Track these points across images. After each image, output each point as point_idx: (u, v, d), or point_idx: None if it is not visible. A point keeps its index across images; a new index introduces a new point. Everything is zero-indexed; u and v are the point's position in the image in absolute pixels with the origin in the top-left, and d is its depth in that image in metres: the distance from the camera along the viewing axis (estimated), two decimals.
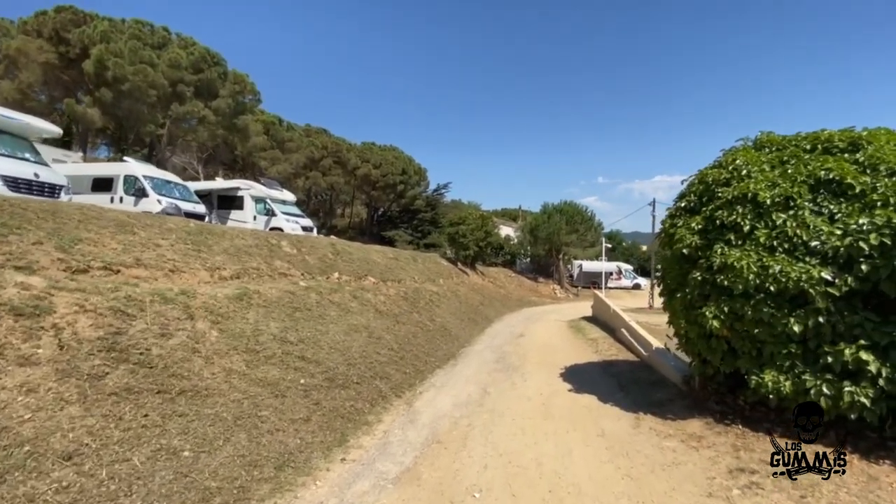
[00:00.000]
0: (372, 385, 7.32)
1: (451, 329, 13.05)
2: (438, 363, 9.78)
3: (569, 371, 9.03)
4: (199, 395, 4.93)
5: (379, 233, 37.01)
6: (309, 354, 7.06)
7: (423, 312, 12.76)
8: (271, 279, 9.19)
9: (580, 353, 11.07)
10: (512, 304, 24.23)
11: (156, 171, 16.62)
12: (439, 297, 15.73)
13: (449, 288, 18.60)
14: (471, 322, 15.72)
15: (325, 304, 9.17)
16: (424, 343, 10.58)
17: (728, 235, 5.26)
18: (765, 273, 4.77)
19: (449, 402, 7.05)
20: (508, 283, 30.53)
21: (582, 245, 33.26)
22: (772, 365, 4.88)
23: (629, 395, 6.97)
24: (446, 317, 14.10)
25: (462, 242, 23.84)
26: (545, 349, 11.71)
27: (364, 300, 10.58)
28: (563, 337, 14.13)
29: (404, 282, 14.80)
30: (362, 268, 12.90)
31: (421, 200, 37.41)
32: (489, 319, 17.80)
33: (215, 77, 25.49)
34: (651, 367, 8.62)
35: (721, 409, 5.62)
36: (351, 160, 34.99)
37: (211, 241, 8.99)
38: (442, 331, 12.29)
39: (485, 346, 12.14)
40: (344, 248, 13.51)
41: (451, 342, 11.84)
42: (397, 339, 9.73)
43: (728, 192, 5.37)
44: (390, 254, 17.07)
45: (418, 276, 16.86)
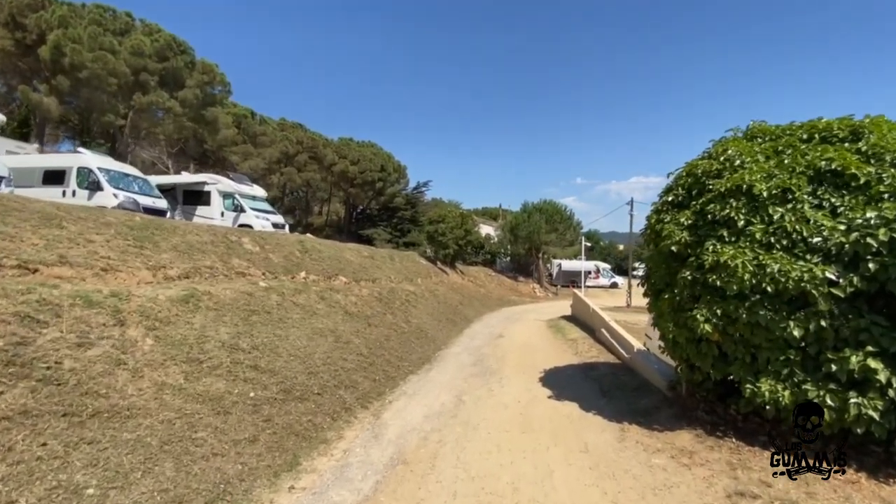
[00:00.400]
0: (335, 396, 6.62)
1: (428, 331, 12.42)
2: (412, 368, 9.13)
3: (548, 375, 8.53)
4: (118, 416, 4.15)
5: (357, 231, 36.06)
6: (263, 363, 6.31)
7: (398, 313, 12.08)
8: (227, 279, 8.36)
9: (560, 355, 10.61)
10: (492, 304, 23.76)
11: (113, 163, 15.43)
12: (416, 298, 15.07)
13: (427, 288, 17.96)
14: (449, 323, 15.13)
15: (287, 306, 8.40)
16: (398, 346, 9.91)
17: (720, 231, 4.80)
18: (761, 272, 4.32)
19: (420, 413, 6.42)
20: (488, 282, 30.09)
21: (561, 244, 33.12)
22: (768, 372, 4.43)
23: (612, 402, 6.49)
24: (423, 318, 13.46)
25: (441, 241, 23.22)
26: (524, 351, 11.21)
27: (332, 301, 9.84)
28: (542, 337, 13.69)
29: (379, 281, 14.09)
30: (333, 267, 12.13)
31: (400, 198, 36.61)
32: (468, 320, 17.25)
33: (182, 66, 24.10)
34: (633, 371, 8.19)
35: (711, 420, 5.17)
36: (327, 156, 33.90)
37: (158, 236, 8.10)
38: (418, 333, 11.64)
39: (462, 349, 11.56)
40: (313, 245, 12.70)
41: (428, 344, 11.21)
42: (368, 343, 9.04)
43: (720, 184, 4.92)
44: (365, 252, 16.31)
45: (395, 275, 16.16)
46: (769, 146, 5.08)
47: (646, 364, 7.67)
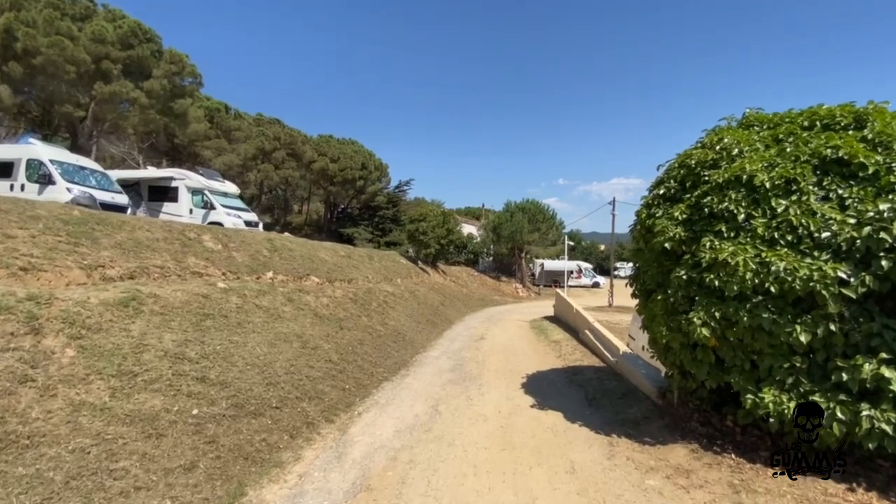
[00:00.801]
0: (297, 409, 5.95)
1: (406, 333, 11.80)
2: (387, 374, 8.51)
3: (531, 380, 8.03)
4: (13, 446, 3.42)
5: (337, 230, 35.11)
6: (213, 374, 5.60)
7: (374, 316, 11.43)
8: (180, 280, 7.58)
9: (543, 358, 10.14)
10: (474, 304, 23.28)
11: (69, 155, 14.32)
12: (395, 299, 14.43)
13: (407, 288, 17.33)
14: (429, 324, 14.54)
15: (248, 309, 7.67)
16: (372, 351, 9.27)
17: (718, 226, 4.36)
18: (765, 271, 3.88)
19: (391, 427, 5.81)
20: (471, 282, 29.62)
21: (544, 244, 32.89)
22: (771, 381, 4.00)
23: (599, 412, 6.02)
24: (401, 320, 12.83)
25: (423, 240, 22.60)
26: (506, 354, 10.71)
27: (301, 303, 9.13)
28: (525, 339, 13.23)
29: (355, 282, 13.40)
30: (304, 266, 11.39)
31: (382, 197, 35.83)
32: (449, 321, 16.70)
33: (147, 55, 22.82)
34: (620, 376, 7.77)
35: (707, 432, 4.73)
36: (306, 153, 32.88)
37: (100, 232, 7.27)
38: (395, 336, 11.01)
39: (442, 352, 10.98)
40: (284, 244, 11.93)
41: (405, 348, 10.59)
42: (339, 349, 8.38)
43: (717, 174, 4.47)
44: (341, 251, 15.57)
45: (373, 275, 15.48)
46: (768, 134, 4.67)
47: (633, 369, 7.24)
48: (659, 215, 4.98)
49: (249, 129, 29.97)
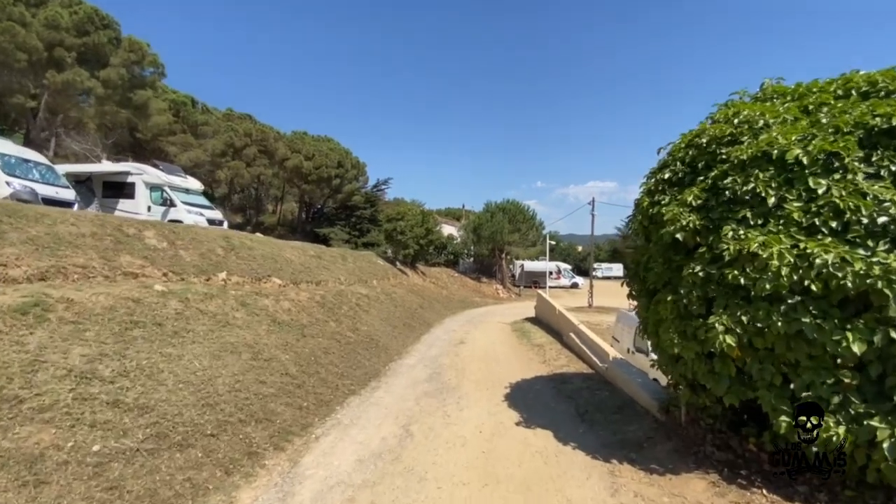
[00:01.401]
0: (238, 435, 4.92)
1: (380, 339, 10.81)
2: (355, 386, 7.52)
3: (515, 391, 7.19)
4: None
5: (313, 230, 33.67)
6: (131, 396, 4.52)
7: (344, 320, 10.39)
8: (107, 282, 6.41)
9: (527, 365, 9.34)
10: (454, 306, 22.41)
11: (11, 147, 12.80)
12: (369, 301, 13.40)
13: (383, 290, 16.31)
14: (406, 328, 13.56)
15: (190, 315, 6.56)
16: (340, 360, 8.26)
17: (742, 212, 3.60)
18: (805, 265, 3.13)
19: (352, 456, 4.85)
20: (451, 283, 28.75)
21: (524, 244, 32.34)
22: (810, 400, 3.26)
23: (594, 430, 5.21)
24: (375, 324, 11.83)
25: (400, 240, 21.59)
26: (487, 360, 9.86)
27: (257, 308, 8.04)
28: (506, 343, 12.42)
29: (325, 283, 12.32)
30: (266, 267, 10.26)
31: (359, 196, 34.54)
32: (428, 324, 15.76)
33: (105, 42, 21.10)
34: (612, 385, 7.01)
35: (726, 459, 3.96)
36: (279, 150, 31.33)
37: (7, 225, 6.05)
38: (367, 342, 10.01)
39: (418, 359, 10.05)
40: (243, 242, 10.76)
41: (378, 356, 9.61)
42: (299, 359, 7.34)
43: (739, 151, 3.72)
44: (311, 251, 14.43)
45: (345, 276, 14.40)
46: (794, 106, 3.96)
47: (626, 377, 6.49)
48: (665, 202, 4.21)
49: (218, 125, 28.35)
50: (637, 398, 5.96)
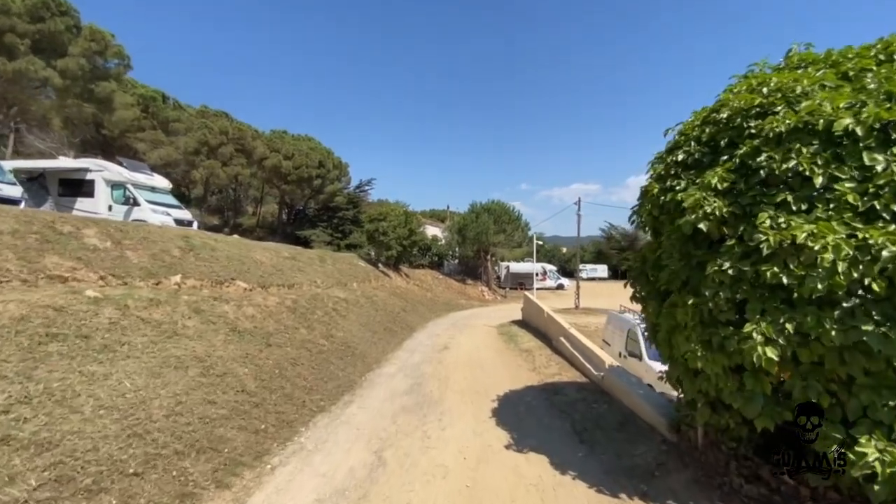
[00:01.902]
0: (171, 472, 4.04)
1: (358, 346, 9.95)
2: (325, 402, 6.67)
3: (504, 405, 6.45)
4: None
5: (293, 232, 32.46)
6: (28, 430, 3.61)
7: (317, 327, 9.50)
8: (24, 287, 5.43)
9: (515, 373, 8.62)
10: (439, 309, 21.62)
11: None
12: (348, 306, 12.52)
13: (364, 293, 15.42)
14: (387, 333, 12.71)
15: (128, 325, 5.63)
16: (310, 372, 7.39)
17: (780, 195, 2.94)
18: (867, 259, 2.48)
19: (311, 493, 4.03)
20: (435, 285, 27.96)
21: (510, 245, 31.76)
22: (868, 426, 2.61)
23: (596, 453, 4.50)
24: (353, 330, 10.96)
25: (383, 241, 20.70)
26: (472, 368, 9.11)
27: (214, 315, 7.11)
28: (493, 348, 11.70)
29: (299, 287, 11.39)
30: (230, 269, 9.31)
31: (342, 197, 33.46)
32: (411, 328, 14.93)
33: (62, 30, 19.71)
34: (610, 396, 6.34)
35: (759, 494, 3.29)
36: (257, 149, 30.08)
37: None
38: (342, 350, 9.15)
39: (399, 368, 9.23)
40: (205, 242, 9.77)
41: (354, 365, 8.76)
42: (260, 373, 6.45)
43: (775, 123, 3.07)
44: (285, 252, 13.46)
45: (323, 279, 13.48)
46: (830, 73, 3.33)
47: (626, 388, 5.82)
48: (682, 187, 3.53)
49: (191, 121, 26.99)
50: (640, 412, 5.29)
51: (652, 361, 9.32)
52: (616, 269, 56.53)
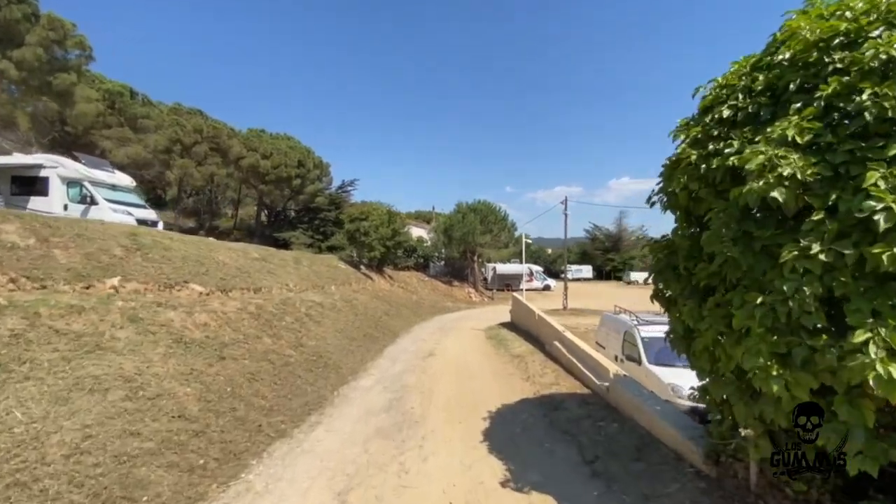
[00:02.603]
0: None
1: (332, 355, 8.88)
2: (287, 424, 5.61)
3: (496, 423, 5.49)
4: None
5: (272, 234, 31.03)
6: None
7: (285, 335, 8.40)
8: None
9: (507, 383, 7.68)
10: (424, 312, 20.60)
11: None
12: (323, 311, 11.41)
13: (343, 296, 14.30)
14: (367, 340, 11.64)
15: (36, 338, 4.49)
16: (270, 389, 6.30)
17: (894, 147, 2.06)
18: None
19: None
20: (421, 287, 26.92)
21: (496, 246, 30.94)
22: None
23: (614, 492, 3.57)
24: (328, 337, 9.87)
25: (364, 242, 19.58)
26: (460, 378, 8.13)
27: (156, 325, 5.98)
28: (481, 353, 10.76)
29: (268, 290, 10.25)
30: (185, 271, 8.14)
31: (323, 198, 32.17)
32: (394, 333, 13.87)
33: (18, 18, 18.12)
34: (618, 411, 5.44)
35: None
36: (233, 148, 28.61)
37: None
38: (314, 361, 8.07)
39: (377, 379, 8.20)
40: (157, 241, 8.58)
41: (326, 377, 7.70)
42: (207, 392, 5.35)
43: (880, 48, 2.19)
44: (255, 253, 12.28)
45: (296, 282, 12.34)
46: None
47: (640, 403, 4.92)
48: (734, 148, 2.64)
49: (161, 118, 25.45)
50: (659, 434, 4.39)
51: (653, 367, 8.50)
52: (601, 270, 56.47)
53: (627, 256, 53.70)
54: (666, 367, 8.79)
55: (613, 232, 56.98)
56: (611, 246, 55.91)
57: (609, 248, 55.77)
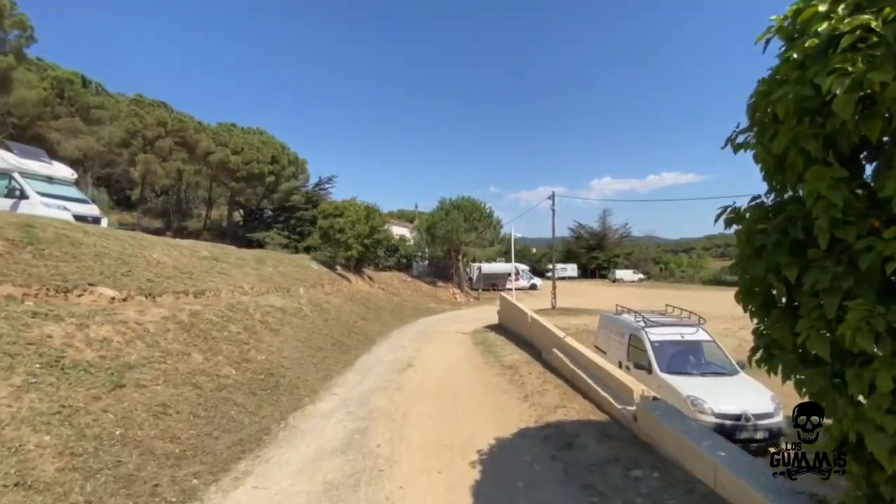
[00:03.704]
0: None
1: (287, 372, 7.24)
2: (201, 479, 3.98)
3: (489, 474, 3.97)
4: None
5: (245, 235, 28.95)
6: None
7: (224, 349, 6.71)
8: None
9: (501, 404, 6.18)
10: (406, 315, 18.99)
11: None
12: (284, 317, 9.73)
13: (312, 300, 12.61)
14: (336, 350, 10.01)
15: None
16: (187, 426, 4.65)
17: None
18: None
19: None
20: (403, 289, 25.29)
21: (481, 244, 29.54)
22: None
23: None
24: (286, 349, 8.21)
25: (340, 239, 17.83)
26: (443, 399, 6.60)
27: (19, 344, 4.25)
28: (469, 363, 9.26)
29: (214, 294, 8.53)
30: (95, 271, 6.38)
31: (299, 196, 30.26)
32: (370, 340, 12.25)
33: None
34: (654, 451, 3.98)
35: None
36: (202, 143, 26.49)
37: None
38: (259, 382, 6.41)
39: (341, 401, 6.60)
40: (62, 234, 6.77)
41: (275, 402, 6.07)
42: (76, 442, 3.68)
43: None
44: (205, 251, 10.50)
45: (255, 283, 10.61)
46: None
47: (691, 443, 3.46)
48: None
49: (117, 109, 23.18)
50: (728, 493, 2.93)
51: (667, 376, 7.14)
52: (585, 268, 55.76)
53: (612, 254, 53.09)
54: (681, 375, 7.43)
55: (598, 230, 56.37)
56: (595, 244, 55.25)
57: (593, 247, 55.10)
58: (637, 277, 46.90)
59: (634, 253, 54.07)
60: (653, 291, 33.79)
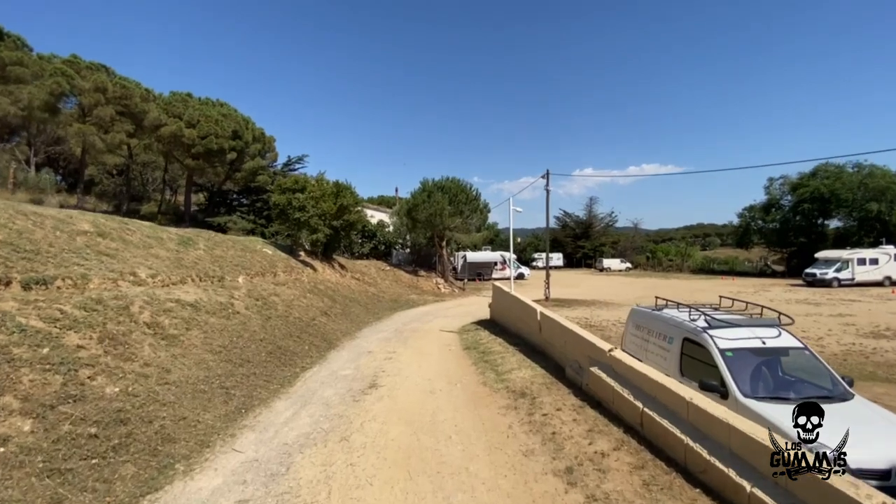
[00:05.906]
0: None
1: (160, 412, 4.27)
2: None
3: None
4: None
5: (205, 219, 25.29)
6: None
7: (22, 382, 3.67)
8: None
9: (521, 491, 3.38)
10: (382, 308, 16.06)
11: None
12: (195, 315, 6.70)
13: (253, 292, 9.54)
14: (274, 362, 7.04)
15: None
16: None
17: None
18: None
19: None
20: (381, 278, 22.30)
21: (467, 230, 26.70)
22: None
23: None
24: (179, 367, 5.22)
25: (300, 219, 14.63)
26: (415, 474, 3.75)
27: None
28: (458, 382, 6.44)
29: (77, 284, 5.45)
30: None
31: (265, 176, 26.62)
32: (329, 343, 9.31)
33: None
34: None
35: None
36: (150, 113, 22.59)
37: None
38: (80, 444, 3.42)
39: (234, 472, 3.68)
40: None
41: (109, 481, 3.09)
42: None
43: None
44: (85, 224, 7.28)
45: (159, 270, 7.49)
46: None
47: None
48: None
49: (41, 67, 19.16)
50: None
51: (756, 403, 4.46)
52: (571, 257, 53.64)
53: (598, 243, 51.06)
54: (776, 402, 4.81)
55: (584, 219, 54.24)
56: (581, 233, 53.15)
57: (580, 235, 53.00)
58: (625, 266, 45.01)
59: (621, 242, 52.19)
60: (644, 280, 31.75)
